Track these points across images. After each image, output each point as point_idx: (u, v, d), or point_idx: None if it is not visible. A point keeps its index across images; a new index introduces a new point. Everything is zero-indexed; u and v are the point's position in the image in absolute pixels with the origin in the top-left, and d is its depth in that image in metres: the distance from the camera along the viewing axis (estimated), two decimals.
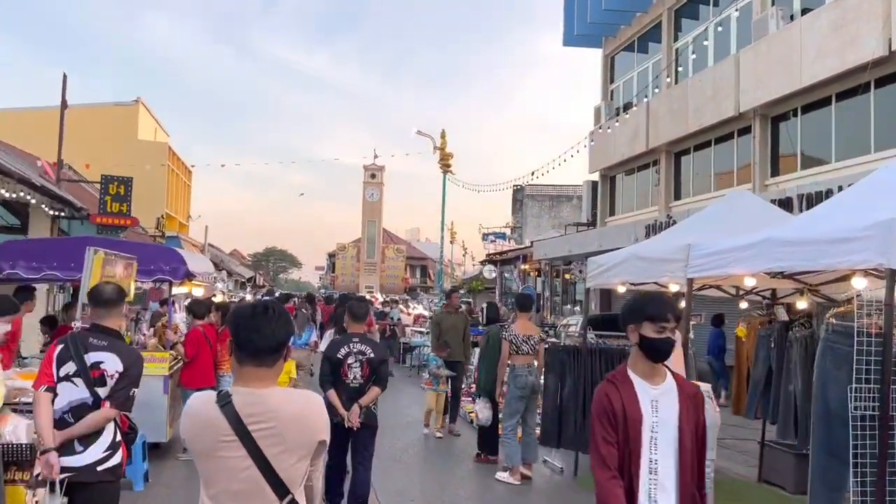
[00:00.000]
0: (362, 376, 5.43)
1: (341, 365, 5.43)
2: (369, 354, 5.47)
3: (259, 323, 2.21)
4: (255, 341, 2.19)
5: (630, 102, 20.18)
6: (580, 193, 54.31)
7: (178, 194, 34.95)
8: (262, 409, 2.16)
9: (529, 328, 7.70)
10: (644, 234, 14.85)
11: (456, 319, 9.89)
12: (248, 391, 2.19)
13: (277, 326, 2.23)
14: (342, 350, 5.48)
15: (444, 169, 25.07)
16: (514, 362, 7.49)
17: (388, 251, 68.70)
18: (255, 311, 2.24)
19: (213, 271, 9.14)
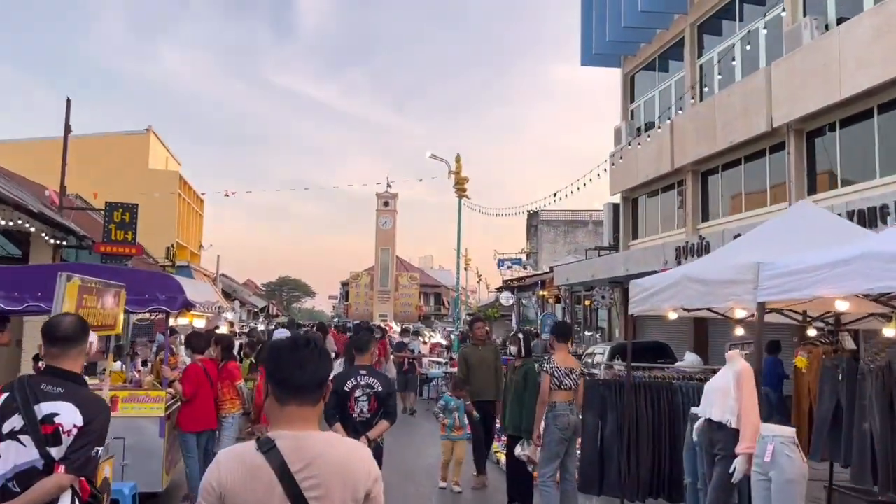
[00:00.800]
0: (369, 410, 5.34)
1: (348, 398, 5.32)
2: (377, 388, 5.37)
3: (302, 357, 2.06)
4: (299, 378, 2.04)
5: (651, 122, 19.51)
6: (596, 218, 53.95)
7: (190, 224, 34.52)
8: (310, 455, 1.98)
9: (570, 360, 6.92)
10: (674, 256, 14.05)
11: (485, 353, 8.70)
12: (294, 435, 2.00)
13: (321, 361, 2.10)
14: (349, 383, 5.36)
15: (459, 193, 24.43)
16: (555, 399, 6.72)
17: (402, 279, 68.14)
18: (297, 345, 2.10)
19: (218, 300, 8.46)
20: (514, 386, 7.23)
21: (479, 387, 8.50)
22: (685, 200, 17.72)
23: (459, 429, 8.21)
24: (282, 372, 2.05)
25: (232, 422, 7.04)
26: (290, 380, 2.03)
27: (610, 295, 20.65)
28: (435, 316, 73.65)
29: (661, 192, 19.33)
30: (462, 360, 8.80)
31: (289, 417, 2.02)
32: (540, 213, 51.51)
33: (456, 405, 8.27)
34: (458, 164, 24.49)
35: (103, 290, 4.68)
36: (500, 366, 8.83)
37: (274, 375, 2.07)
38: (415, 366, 16.58)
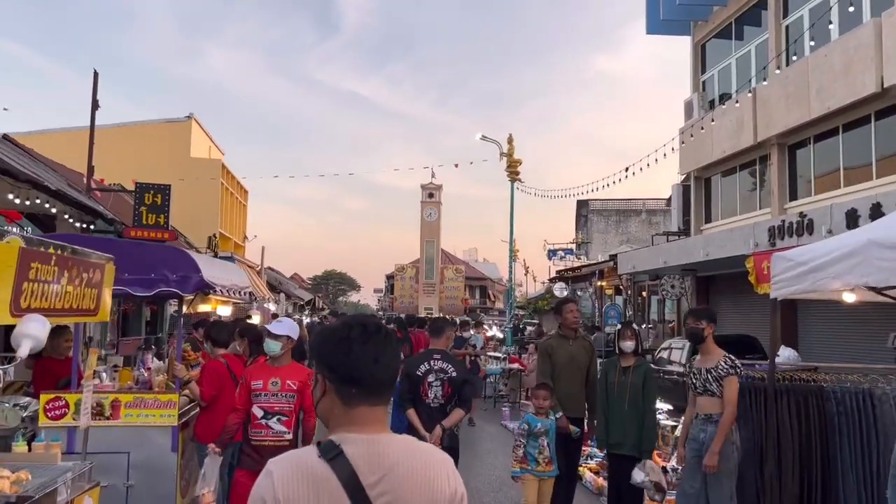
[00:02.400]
0: (443, 396, 5.11)
1: (421, 383, 5.11)
2: (451, 373, 5.15)
3: (377, 348, 1.65)
4: (374, 374, 1.63)
5: (727, 94, 17.68)
6: (650, 207, 51.88)
7: (234, 214, 33.72)
8: (387, 465, 1.59)
9: (712, 355, 5.38)
10: (766, 238, 12.33)
11: (576, 349, 6.04)
12: (366, 439, 1.61)
13: (396, 351, 1.70)
14: (422, 367, 5.15)
15: (511, 177, 22.88)
16: (696, 407, 5.30)
17: (448, 272, 66.94)
18: (368, 332, 1.66)
19: (249, 286, 7.15)
20: (628, 391, 5.68)
21: (565, 395, 5.88)
22: (769, 177, 15.89)
23: (550, 462, 5.68)
24: (350, 366, 1.63)
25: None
26: (364, 376, 1.62)
27: (681, 284, 18.89)
28: (481, 309, 72.38)
29: (740, 169, 17.50)
30: (544, 356, 6.06)
31: (358, 419, 1.62)
32: (590, 202, 49.73)
33: (544, 428, 5.66)
34: (511, 146, 22.94)
35: (73, 262, 3.36)
36: (594, 369, 6.18)
37: (338, 370, 1.64)
38: (478, 365, 13.61)
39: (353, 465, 1.56)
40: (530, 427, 5.68)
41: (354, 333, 1.65)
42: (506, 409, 12.21)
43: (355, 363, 1.62)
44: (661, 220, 47.90)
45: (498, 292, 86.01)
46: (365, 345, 1.64)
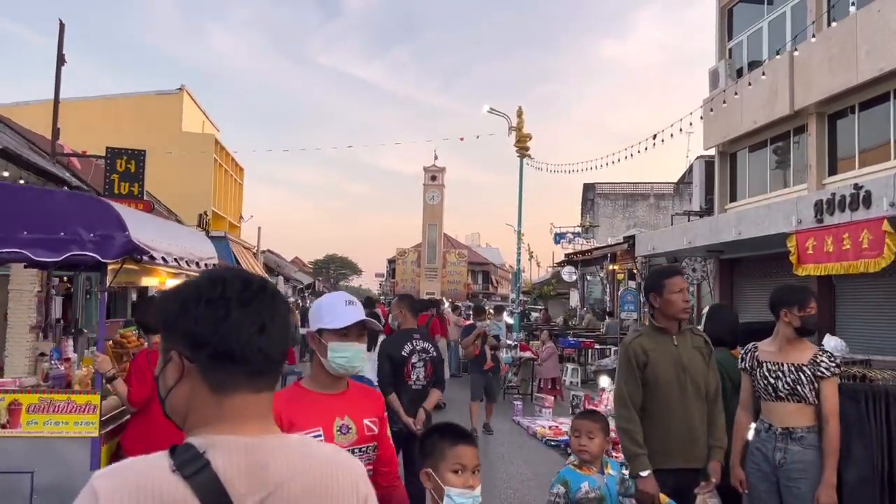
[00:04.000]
0: (425, 377, 4.91)
1: (405, 364, 4.85)
2: (431, 352, 4.98)
3: (265, 312, 1.18)
4: (262, 346, 1.16)
5: (758, 61, 16.23)
6: (657, 191, 50.63)
7: (228, 193, 32.33)
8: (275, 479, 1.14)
9: (800, 347, 3.95)
10: (812, 214, 10.95)
11: (684, 352, 3.77)
12: (243, 443, 1.13)
13: (287, 316, 1.23)
14: (405, 347, 4.89)
15: (520, 152, 21.47)
16: (768, 416, 3.90)
17: (450, 256, 65.83)
18: (251, 291, 1.18)
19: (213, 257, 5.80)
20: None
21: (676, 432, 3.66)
22: (805, 150, 14.49)
23: None
24: (226, 336, 1.13)
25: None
26: (246, 350, 1.14)
27: (702, 266, 17.53)
28: (483, 294, 71.36)
29: (771, 142, 16.10)
30: (629, 366, 3.72)
31: (234, 413, 1.15)
32: (597, 186, 48.64)
33: (597, 492, 3.32)
34: (520, 119, 21.51)
35: None
36: (716, 380, 3.85)
37: (207, 343, 1.13)
38: (499, 360, 10.80)
39: (224, 482, 1.09)
40: (570, 493, 3.28)
41: (231, 291, 1.16)
42: (517, 402, 10.92)
43: (233, 332, 1.13)
44: (669, 204, 46.86)
45: (501, 278, 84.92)
46: (246, 307, 1.15)
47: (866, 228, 9.67)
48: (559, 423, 10.05)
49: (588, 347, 17.52)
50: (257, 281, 1.23)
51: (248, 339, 1.15)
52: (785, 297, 3.98)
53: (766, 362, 3.93)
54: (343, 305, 2.49)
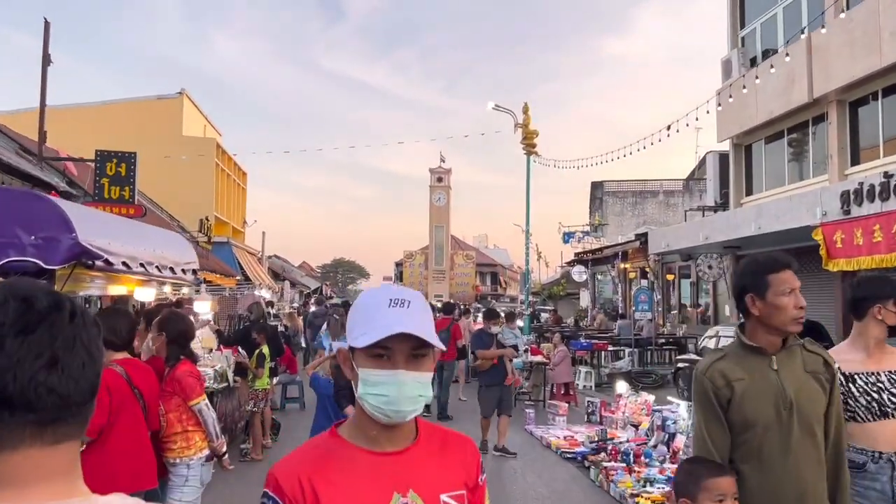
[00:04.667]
0: None
1: None
2: None
3: (56, 339, 0.90)
4: (53, 385, 0.89)
5: (772, 49, 15.61)
6: (667, 188, 49.97)
7: (231, 198, 31.88)
8: None
9: (891, 354, 3.22)
10: (838, 205, 10.35)
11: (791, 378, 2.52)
12: None
13: (93, 347, 0.94)
14: None
15: (527, 149, 20.90)
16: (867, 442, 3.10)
17: (458, 258, 65.33)
18: (37, 313, 0.90)
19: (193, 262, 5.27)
20: None
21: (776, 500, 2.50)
22: (825, 140, 13.87)
23: None
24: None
25: (190, 472, 3.88)
26: (24, 392, 0.86)
27: (718, 264, 16.92)
28: (492, 296, 70.83)
29: (788, 133, 15.47)
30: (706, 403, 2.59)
31: (18, 475, 0.88)
32: (605, 183, 48.06)
33: None
34: (527, 116, 20.94)
35: None
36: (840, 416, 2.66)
37: None
38: (513, 373, 9.29)
39: None
40: None
41: (4, 315, 0.88)
42: (530, 410, 10.32)
43: (8, 369, 0.85)
44: (679, 201, 46.24)
45: (509, 278, 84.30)
46: (29, 335, 0.87)
47: None
48: (574, 433, 9.45)
49: (601, 349, 16.90)
50: (47, 297, 0.92)
51: (30, 376, 0.87)
52: (877, 290, 3.20)
53: (857, 374, 3.15)
54: (385, 307, 1.49)
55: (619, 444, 8.09)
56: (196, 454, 3.92)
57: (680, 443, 7.74)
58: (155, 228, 6.52)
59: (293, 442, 8.51)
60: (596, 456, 7.52)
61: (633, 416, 9.36)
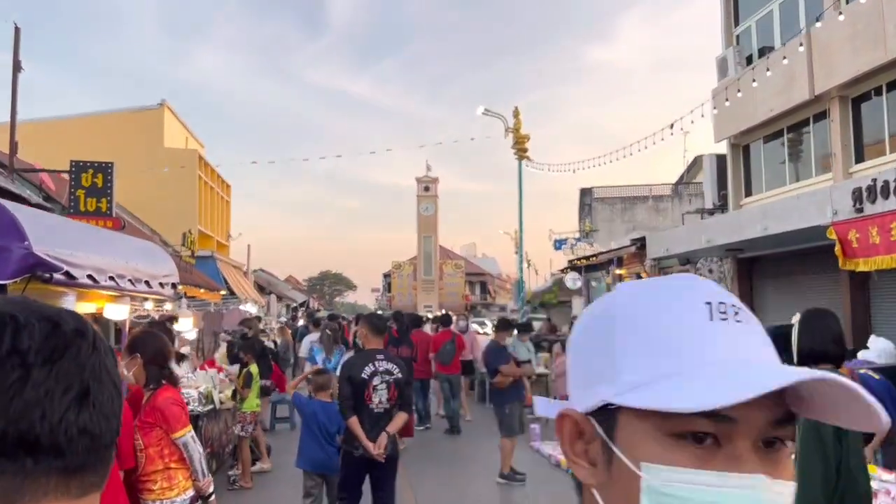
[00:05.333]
0: (389, 400, 4.66)
1: (366, 387, 4.60)
2: (396, 374, 4.71)
3: (81, 369, 0.71)
4: (81, 425, 0.69)
5: (769, 46, 15.26)
6: (656, 193, 50.00)
7: (215, 211, 31.22)
8: None
9: None
10: (851, 203, 9.91)
11: None
12: None
13: (116, 377, 0.75)
14: (367, 369, 4.66)
15: (519, 154, 20.47)
16: None
17: (446, 267, 65.01)
18: (57, 335, 0.70)
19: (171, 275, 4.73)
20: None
21: None
22: (828, 138, 13.48)
23: None
24: (18, 414, 0.67)
25: None
26: (53, 433, 0.67)
27: (719, 267, 16.50)
28: (481, 305, 70.48)
29: (787, 132, 15.09)
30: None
31: None
32: (594, 189, 48.02)
33: None
34: (517, 120, 20.53)
35: None
36: None
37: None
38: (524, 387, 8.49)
39: None
40: None
41: (28, 340, 0.71)
42: (535, 426, 9.76)
43: (36, 405, 0.70)
44: (668, 206, 46.21)
45: (498, 287, 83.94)
46: (55, 364, 0.72)
47: None
48: None
49: None
50: (73, 319, 0.75)
51: (60, 415, 0.70)
52: None
53: None
54: (703, 320, 0.72)
55: None
56: (179, 495, 3.34)
57: None
58: (127, 237, 5.93)
59: (285, 466, 7.93)
60: None
61: None
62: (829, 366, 3.03)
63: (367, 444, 4.46)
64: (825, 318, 3.17)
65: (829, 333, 3.09)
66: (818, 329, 3.11)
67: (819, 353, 3.06)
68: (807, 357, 3.07)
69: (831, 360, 3.08)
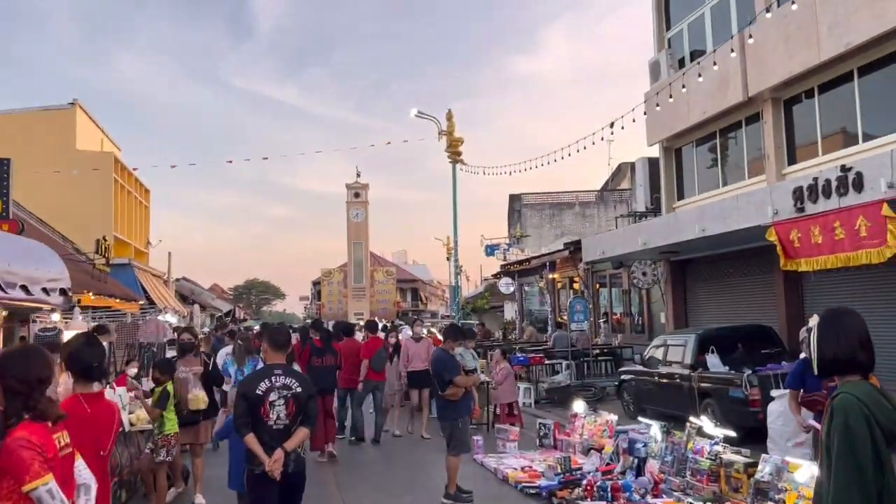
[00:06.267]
0: (287, 416, 4.57)
1: (261, 403, 4.53)
2: (295, 389, 4.62)
3: None
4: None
5: (700, 50, 15.31)
6: (583, 199, 50.74)
7: (133, 216, 29.61)
8: None
9: None
10: (791, 203, 9.83)
11: None
12: None
13: None
14: (262, 385, 4.57)
15: (452, 157, 20.04)
16: None
17: (378, 274, 64.23)
18: None
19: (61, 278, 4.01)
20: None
21: None
22: (761, 140, 13.55)
23: None
24: None
25: None
26: None
27: (653, 270, 16.45)
28: (413, 312, 70.01)
29: (720, 135, 15.15)
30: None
31: None
32: (523, 196, 48.50)
33: None
34: (451, 123, 20.11)
35: None
36: None
37: None
38: (473, 399, 7.94)
39: None
40: None
41: None
42: (478, 438, 9.23)
43: None
44: (594, 212, 47.10)
45: (430, 294, 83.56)
46: None
47: (862, 215, 8.56)
48: (531, 461, 8.44)
49: (538, 363, 16.10)
50: None
51: None
52: None
53: None
54: None
55: (587, 474, 7.13)
56: None
57: (654, 468, 6.86)
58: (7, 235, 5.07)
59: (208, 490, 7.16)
60: (565, 492, 6.52)
61: (593, 439, 8.46)
62: (856, 376, 2.59)
63: (263, 458, 4.40)
64: (849, 319, 2.69)
65: (854, 337, 2.62)
66: (843, 332, 2.63)
67: (845, 362, 2.60)
68: (830, 366, 2.62)
69: (860, 370, 2.62)
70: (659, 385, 11.43)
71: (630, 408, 12.43)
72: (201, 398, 7.12)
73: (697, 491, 6.06)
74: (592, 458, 7.77)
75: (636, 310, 18.94)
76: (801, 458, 8.26)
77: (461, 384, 6.94)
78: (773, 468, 5.40)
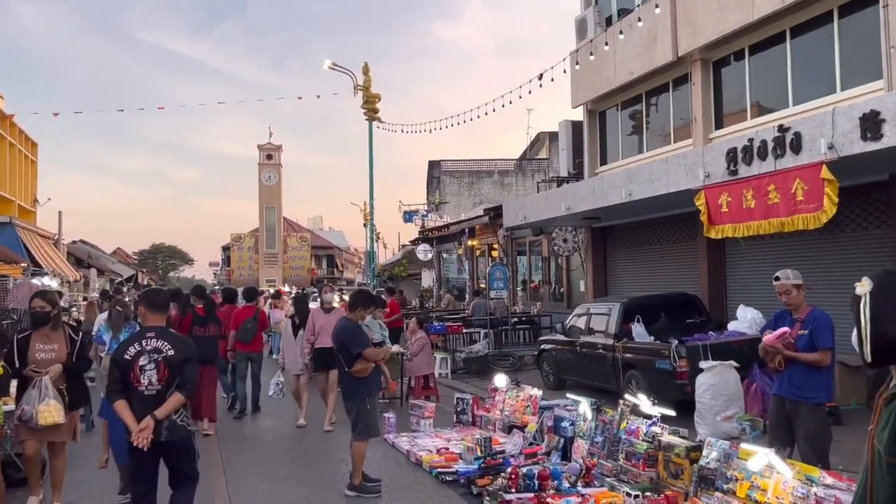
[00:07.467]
0: (159, 381, 4.35)
1: (131, 368, 4.33)
2: (167, 352, 4.39)
3: None
4: None
5: (626, 8, 14.69)
6: (501, 168, 50.56)
7: (16, 171, 26.98)
8: None
9: None
10: (724, 165, 9.32)
11: None
12: None
13: None
14: (131, 349, 4.40)
15: (369, 115, 18.87)
16: None
17: (291, 240, 62.33)
18: None
19: None
20: None
21: None
22: (690, 101, 13.09)
23: None
24: None
25: None
26: None
27: (574, 237, 15.95)
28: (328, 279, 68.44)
29: (646, 97, 14.64)
30: None
31: None
32: (442, 163, 47.98)
33: None
34: (367, 78, 18.88)
35: None
36: None
37: None
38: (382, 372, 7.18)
39: None
40: None
41: None
42: (390, 415, 8.36)
43: None
44: (513, 180, 47.09)
45: (346, 261, 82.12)
46: None
47: (799, 177, 8.10)
48: (447, 441, 7.65)
49: (456, 332, 15.40)
50: None
51: None
52: None
53: None
54: None
55: (509, 457, 6.39)
56: None
57: (582, 449, 6.20)
58: None
59: (70, 483, 6.03)
60: (486, 479, 5.75)
61: (515, 416, 7.76)
62: None
63: (131, 426, 4.20)
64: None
65: None
66: None
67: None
68: (893, 349, 1.85)
69: None
70: (581, 355, 10.86)
71: (550, 378, 11.88)
72: (54, 410, 5.54)
73: (633, 477, 5.40)
74: (515, 438, 7.06)
75: (555, 278, 18.48)
76: (729, 432, 7.89)
77: (371, 357, 6.03)
78: (719, 453, 4.77)
